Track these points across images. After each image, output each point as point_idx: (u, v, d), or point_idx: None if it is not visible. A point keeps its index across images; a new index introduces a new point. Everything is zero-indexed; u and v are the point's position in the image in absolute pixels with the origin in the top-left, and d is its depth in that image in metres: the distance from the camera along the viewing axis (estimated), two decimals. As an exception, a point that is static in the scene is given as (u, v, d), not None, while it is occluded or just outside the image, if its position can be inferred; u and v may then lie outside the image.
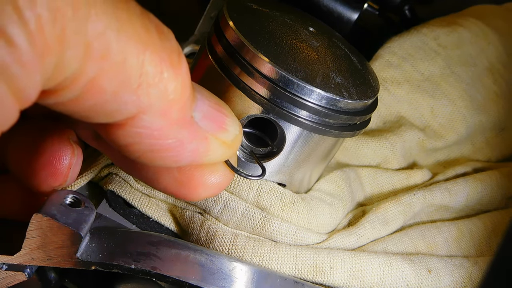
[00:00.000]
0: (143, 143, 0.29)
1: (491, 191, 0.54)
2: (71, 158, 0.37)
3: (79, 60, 0.25)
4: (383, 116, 0.59)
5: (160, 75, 0.27)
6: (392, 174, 0.54)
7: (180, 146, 0.30)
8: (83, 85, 0.25)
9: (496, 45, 0.64)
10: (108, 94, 0.26)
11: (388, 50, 0.60)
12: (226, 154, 0.34)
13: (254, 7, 0.45)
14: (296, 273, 0.43)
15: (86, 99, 0.26)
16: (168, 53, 0.28)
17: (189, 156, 0.31)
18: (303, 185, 0.46)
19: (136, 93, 0.27)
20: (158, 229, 0.44)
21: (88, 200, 0.37)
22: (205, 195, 0.36)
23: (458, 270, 0.47)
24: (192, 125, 0.31)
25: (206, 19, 0.70)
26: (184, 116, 0.30)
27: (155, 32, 0.27)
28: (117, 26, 0.25)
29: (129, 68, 0.26)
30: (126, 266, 0.37)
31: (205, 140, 0.32)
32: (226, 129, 0.33)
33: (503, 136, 0.63)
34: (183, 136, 0.30)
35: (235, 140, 0.34)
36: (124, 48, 0.26)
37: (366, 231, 0.47)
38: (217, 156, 0.33)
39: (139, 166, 0.37)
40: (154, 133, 0.29)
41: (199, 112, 0.31)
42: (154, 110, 0.28)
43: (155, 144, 0.30)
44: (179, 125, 0.30)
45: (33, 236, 0.35)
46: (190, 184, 0.35)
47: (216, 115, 0.33)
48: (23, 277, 0.38)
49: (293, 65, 0.40)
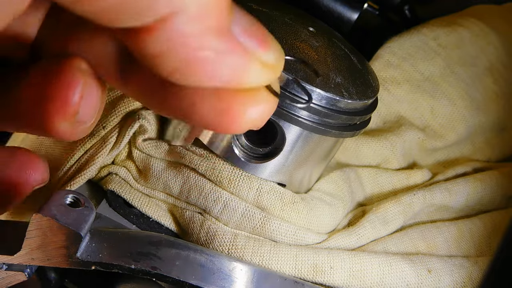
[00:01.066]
0: (177, 52, 0.27)
1: (491, 191, 0.54)
2: (82, 86, 0.33)
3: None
4: (383, 116, 0.59)
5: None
6: (392, 174, 0.54)
7: (217, 59, 0.28)
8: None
9: (496, 45, 0.64)
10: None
11: (388, 50, 0.60)
12: (268, 76, 0.31)
13: (254, 7, 0.45)
14: (296, 273, 0.43)
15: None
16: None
17: (227, 74, 0.29)
18: (303, 185, 0.46)
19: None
20: (158, 229, 0.44)
21: (88, 200, 0.37)
22: (247, 125, 0.33)
23: (458, 270, 0.47)
24: (230, 37, 0.28)
25: (206, 19, 0.70)
26: (222, 25, 0.28)
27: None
28: None
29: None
30: (126, 266, 0.37)
31: (244, 56, 0.29)
32: (268, 48, 0.30)
33: (503, 136, 0.63)
34: (220, 47, 0.28)
35: (277, 61, 0.31)
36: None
37: (366, 231, 0.47)
38: (258, 77, 0.31)
39: (171, 94, 0.33)
40: (189, 40, 0.27)
41: (238, 25, 0.29)
42: (189, 12, 0.26)
43: (190, 54, 0.27)
44: (216, 35, 0.27)
45: (33, 236, 0.35)
46: (230, 112, 0.32)
47: (257, 32, 0.30)
48: (23, 277, 0.37)
49: (293, 65, 0.40)
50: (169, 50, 0.27)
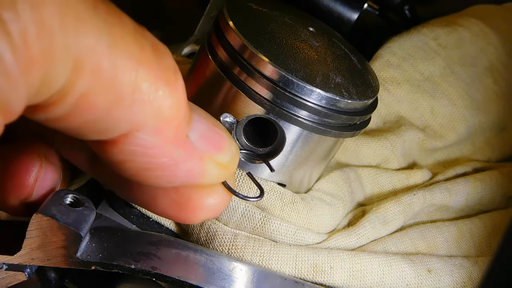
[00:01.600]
0: (137, 161, 0.29)
1: (491, 191, 0.54)
2: (38, 170, 0.36)
3: (68, 75, 0.24)
4: (383, 116, 0.59)
5: (154, 92, 0.27)
6: (392, 174, 0.54)
7: (175, 165, 0.30)
8: (73, 101, 0.25)
9: (496, 45, 0.64)
10: (100, 111, 0.26)
11: (388, 50, 0.60)
12: (222, 175, 0.34)
13: (254, 7, 0.45)
14: (296, 273, 0.43)
15: (78, 115, 0.26)
16: (163, 71, 0.27)
17: (184, 176, 0.31)
18: (303, 185, 0.46)
19: (130, 110, 0.27)
20: (158, 229, 0.44)
21: (88, 200, 0.37)
22: (204, 217, 0.36)
23: (458, 270, 0.47)
24: (187, 144, 0.31)
25: (206, 19, 0.70)
26: (180, 135, 0.30)
27: (149, 48, 0.27)
28: (109, 42, 0.25)
29: (121, 85, 0.26)
30: (126, 266, 0.37)
31: (200, 161, 0.31)
32: (223, 150, 0.33)
33: (503, 136, 0.63)
34: (178, 155, 0.30)
35: (231, 161, 0.34)
36: (116, 64, 0.25)
37: (366, 231, 0.47)
38: (213, 177, 0.33)
39: (135, 188, 0.37)
40: (148, 151, 0.29)
41: (196, 132, 0.31)
42: (149, 127, 0.28)
43: (149, 162, 0.29)
44: (174, 144, 0.30)
45: (33, 236, 0.35)
46: (187, 206, 0.35)
47: (213, 136, 0.32)
48: (23, 277, 0.37)
49: (293, 65, 0.40)
50: (131, 158, 0.29)
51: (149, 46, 0.27)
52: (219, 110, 0.41)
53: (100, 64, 0.25)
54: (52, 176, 0.38)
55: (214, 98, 0.42)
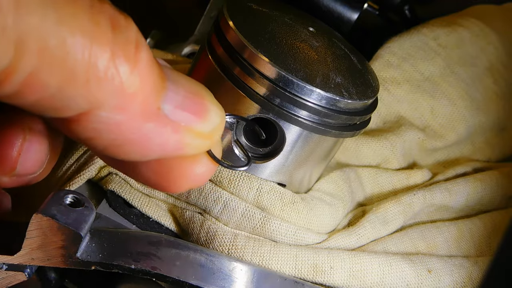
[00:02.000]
0: (103, 138, 0.28)
1: (491, 191, 0.54)
2: (21, 143, 0.35)
3: (11, 56, 0.23)
4: (383, 116, 0.59)
5: (112, 69, 0.26)
6: (392, 174, 0.54)
7: (146, 140, 0.29)
8: (20, 80, 0.24)
9: (496, 45, 0.64)
10: (53, 89, 0.25)
11: (388, 50, 0.60)
12: (204, 146, 0.32)
13: (254, 7, 0.45)
14: (296, 273, 0.43)
15: (29, 93, 0.25)
16: (122, 46, 0.26)
17: (158, 150, 0.30)
18: (303, 185, 0.46)
19: (86, 89, 0.25)
20: (158, 229, 0.44)
21: (88, 200, 0.37)
22: (187, 187, 0.34)
23: (458, 270, 0.47)
24: (159, 117, 0.29)
25: (206, 19, 0.70)
26: (148, 109, 0.28)
27: (106, 24, 0.26)
28: (56, 20, 0.24)
29: (73, 63, 0.25)
30: (126, 266, 0.37)
31: (176, 133, 0.29)
32: (204, 119, 0.31)
33: (503, 136, 0.63)
34: (148, 129, 0.28)
35: (214, 130, 0.31)
36: (65, 42, 0.24)
37: (366, 231, 0.47)
38: (194, 149, 0.31)
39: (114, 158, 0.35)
40: (113, 128, 0.27)
41: (170, 102, 0.29)
42: (109, 105, 0.27)
43: (116, 139, 0.28)
44: (142, 119, 0.28)
45: (33, 236, 0.35)
46: (169, 176, 0.33)
47: (191, 104, 0.30)
48: (23, 277, 0.37)
49: (293, 65, 0.40)
50: (95, 136, 0.28)
51: (106, 21, 0.26)
52: (219, 110, 0.41)
53: (47, 43, 0.24)
54: (38, 147, 0.36)
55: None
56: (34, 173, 0.37)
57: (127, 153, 0.29)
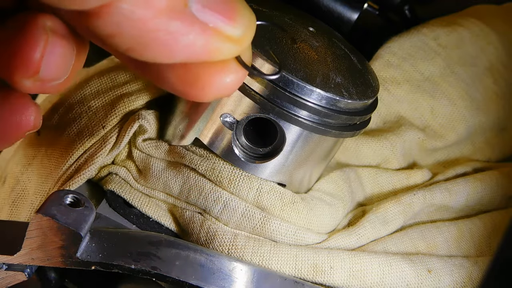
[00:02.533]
0: (126, 35, 0.26)
1: (491, 191, 0.54)
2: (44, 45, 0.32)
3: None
4: (383, 116, 0.59)
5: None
6: (392, 174, 0.54)
7: (172, 39, 0.27)
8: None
9: (496, 45, 0.64)
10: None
11: (388, 50, 0.60)
12: (233, 51, 0.30)
13: (254, 7, 0.45)
14: (296, 273, 0.43)
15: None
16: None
17: (185, 52, 0.28)
18: (303, 185, 0.46)
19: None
20: (158, 229, 0.44)
21: (88, 200, 0.37)
22: (215, 96, 0.32)
23: (458, 270, 0.47)
24: (186, 15, 0.27)
25: (206, 19, 0.70)
26: (175, 5, 0.26)
27: None
28: None
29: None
30: (126, 266, 0.37)
31: (203, 34, 0.28)
32: (234, 21, 0.29)
33: (503, 136, 0.63)
34: (174, 28, 0.27)
35: (245, 34, 0.30)
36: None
37: (366, 231, 0.47)
38: (222, 53, 0.29)
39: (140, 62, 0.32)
40: (137, 24, 0.26)
41: (198, 1, 0.27)
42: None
43: (140, 36, 0.26)
44: (168, 15, 0.26)
45: (33, 236, 0.35)
46: (197, 83, 0.31)
47: (220, 4, 0.28)
48: (23, 277, 0.38)
49: (293, 65, 0.40)
50: (118, 32, 0.26)
51: None
52: (219, 110, 0.41)
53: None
54: (62, 51, 0.34)
55: (214, 98, 0.42)
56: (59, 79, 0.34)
57: (151, 53, 0.27)
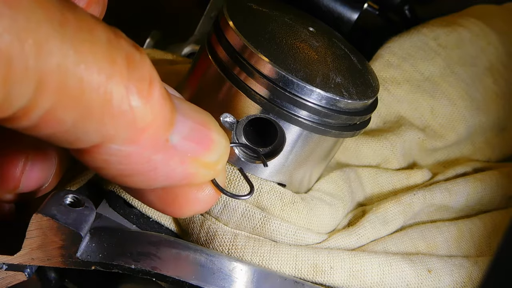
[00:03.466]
0: (113, 168, 0.29)
1: (491, 191, 0.54)
2: (24, 163, 0.36)
3: (30, 94, 0.24)
4: (383, 116, 0.59)
5: (126, 105, 0.26)
6: (392, 174, 0.54)
7: (153, 170, 0.29)
8: (38, 116, 0.25)
9: (496, 45, 0.64)
10: (68, 124, 0.26)
11: (388, 50, 0.60)
12: (209, 175, 0.32)
13: (254, 7, 0.45)
14: (296, 273, 0.43)
15: (45, 128, 0.25)
16: (136, 83, 0.27)
17: (164, 180, 0.30)
18: (303, 185, 0.46)
19: (99, 124, 0.26)
20: (158, 229, 0.44)
21: (88, 200, 0.37)
22: (191, 213, 0.35)
23: (458, 270, 0.47)
24: (167, 148, 0.29)
25: (206, 19, 0.70)
26: (157, 141, 0.29)
27: (122, 61, 0.26)
28: (75, 60, 0.24)
29: (89, 100, 0.25)
30: (126, 266, 0.37)
31: (182, 163, 0.30)
32: (210, 149, 0.31)
33: (503, 136, 0.63)
34: (156, 160, 0.29)
35: (219, 160, 0.32)
36: (83, 81, 0.25)
37: (366, 231, 0.47)
38: (199, 178, 0.32)
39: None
40: (123, 160, 0.28)
41: (178, 134, 0.30)
42: (121, 138, 0.27)
43: (125, 169, 0.29)
44: (151, 150, 0.29)
45: (33, 236, 0.35)
46: (174, 203, 0.34)
47: (198, 136, 0.31)
48: (23, 277, 0.38)
49: (293, 65, 0.40)
50: (106, 166, 0.29)
51: (122, 58, 0.26)
52: (219, 110, 0.41)
53: (66, 83, 0.24)
54: (41, 166, 0.37)
55: (214, 98, 0.42)
56: (39, 188, 0.38)
57: (134, 182, 0.30)
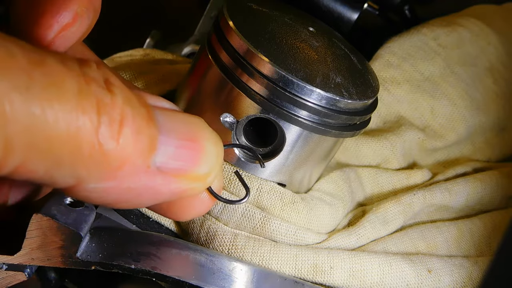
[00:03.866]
0: (97, 200, 0.29)
1: (491, 191, 0.54)
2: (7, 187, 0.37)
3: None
4: (383, 116, 0.59)
5: (97, 150, 0.26)
6: (392, 174, 0.54)
7: (138, 196, 0.29)
8: (9, 170, 0.25)
9: (496, 45, 0.64)
10: (40, 173, 0.26)
11: (388, 50, 0.60)
12: (201, 187, 0.31)
13: (254, 7, 0.45)
14: (296, 273, 0.43)
15: (18, 177, 0.26)
16: (107, 127, 0.26)
17: (154, 199, 0.30)
18: (303, 185, 0.46)
19: (72, 168, 0.26)
20: (158, 229, 0.44)
21: (88, 200, 0.37)
22: (190, 218, 0.35)
23: (458, 270, 0.47)
24: (149, 174, 0.29)
25: (206, 19, 0.70)
26: (136, 172, 0.28)
27: (92, 109, 0.26)
28: (43, 118, 0.24)
29: (59, 151, 0.25)
30: (126, 266, 0.37)
31: (170, 183, 0.29)
32: (199, 163, 0.30)
33: (503, 136, 0.63)
34: (140, 185, 0.28)
35: (210, 170, 0.31)
36: (51, 135, 0.24)
37: (366, 231, 0.47)
38: (191, 191, 0.31)
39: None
40: (103, 194, 0.28)
41: (163, 155, 0.29)
42: (97, 178, 0.27)
43: (109, 199, 0.29)
44: (133, 180, 0.28)
45: (33, 236, 0.35)
46: (171, 210, 0.34)
47: (185, 152, 0.30)
48: (23, 277, 0.37)
49: (293, 65, 0.40)
50: (90, 199, 0.29)
51: (92, 106, 0.26)
52: (219, 110, 0.41)
53: (34, 140, 0.24)
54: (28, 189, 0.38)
55: (214, 98, 0.42)
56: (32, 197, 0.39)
57: (123, 206, 0.30)
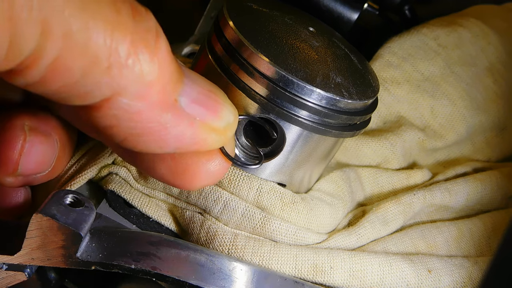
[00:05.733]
0: (123, 126, 0.29)
1: (491, 191, 0.54)
2: (22, 144, 0.36)
3: (37, 39, 0.24)
4: (383, 116, 0.59)
5: (133, 56, 0.27)
6: (392, 174, 0.54)
7: (163, 130, 0.30)
8: (46, 64, 0.25)
9: (496, 45, 0.64)
10: (77, 74, 0.26)
11: (388, 50, 0.60)
12: (218, 141, 0.33)
13: (254, 7, 0.45)
14: (296, 273, 0.43)
15: (54, 79, 0.26)
16: (142, 35, 0.27)
17: (174, 142, 0.30)
18: (303, 185, 0.46)
19: (108, 74, 0.26)
20: (158, 229, 0.44)
21: (88, 200, 0.37)
22: (202, 185, 0.35)
23: (458, 270, 0.47)
24: (176, 109, 0.30)
25: (206, 19, 0.70)
26: (166, 99, 0.29)
27: (127, 12, 0.27)
28: (79, 4, 0.25)
29: (95, 48, 0.25)
30: (126, 266, 0.37)
31: (191, 126, 0.31)
32: (218, 115, 0.32)
33: (503, 136, 0.63)
34: (165, 120, 0.29)
35: (228, 127, 0.33)
36: (88, 28, 0.25)
37: (366, 231, 0.47)
38: (208, 143, 0.32)
39: (133, 153, 0.36)
40: (133, 116, 0.28)
41: (186, 96, 0.30)
42: (130, 92, 0.27)
43: (136, 128, 0.29)
44: (160, 108, 0.29)
45: (33, 236, 0.35)
46: (185, 173, 0.34)
47: (207, 100, 0.31)
48: (23, 277, 0.38)
49: (293, 65, 0.40)
50: (116, 123, 0.29)
51: (127, 10, 0.27)
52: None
53: (71, 27, 0.24)
54: (41, 148, 0.37)
55: (214, 98, 0.42)
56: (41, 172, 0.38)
57: (144, 144, 0.30)
